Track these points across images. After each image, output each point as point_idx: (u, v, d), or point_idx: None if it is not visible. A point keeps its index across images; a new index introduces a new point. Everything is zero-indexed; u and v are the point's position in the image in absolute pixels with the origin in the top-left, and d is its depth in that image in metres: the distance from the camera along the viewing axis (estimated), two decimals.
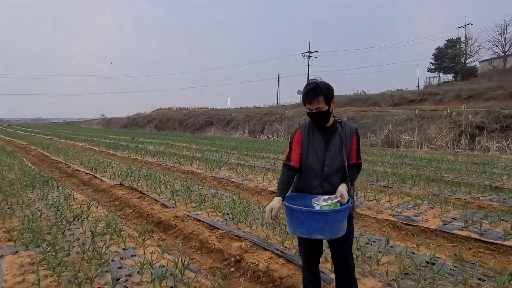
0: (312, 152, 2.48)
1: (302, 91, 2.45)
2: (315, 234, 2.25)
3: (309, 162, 2.47)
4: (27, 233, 4.24)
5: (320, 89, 2.37)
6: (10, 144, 19.87)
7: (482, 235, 4.39)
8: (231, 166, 10.05)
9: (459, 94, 26.20)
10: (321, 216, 2.23)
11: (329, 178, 2.45)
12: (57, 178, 8.82)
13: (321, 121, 2.46)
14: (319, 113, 2.40)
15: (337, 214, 2.26)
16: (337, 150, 2.46)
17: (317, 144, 2.48)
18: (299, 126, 2.60)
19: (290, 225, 2.36)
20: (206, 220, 4.98)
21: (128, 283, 3.12)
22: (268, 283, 3.37)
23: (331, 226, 2.24)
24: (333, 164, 2.45)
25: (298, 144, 2.52)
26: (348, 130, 2.51)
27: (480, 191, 6.66)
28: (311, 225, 2.24)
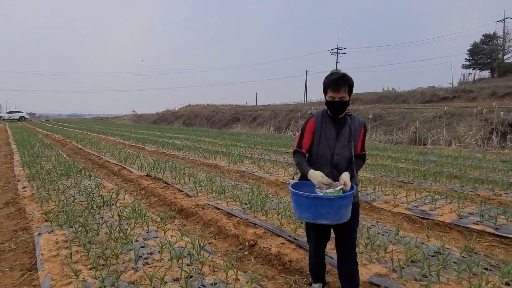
0: (324, 141, 2.57)
1: (326, 79, 2.51)
2: (321, 219, 2.35)
3: (320, 150, 2.57)
4: (62, 215, 4.64)
5: (347, 79, 2.48)
6: (47, 137, 21.02)
7: (497, 229, 4.39)
8: (253, 160, 10.28)
9: (494, 91, 25.17)
10: (326, 201, 2.33)
11: (338, 166, 2.55)
12: (89, 168, 9.37)
13: (340, 111, 2.55)
14: (341, 102, 2.49)
15: (341, 200, 2.35)
16: (346, 140, 2.56)
17: (329, 133, 2.57)
18: (312, 115, 2.67)
19: (297, 210, 2.46)
20: (225, 208, 5.23)
21: (149, 260, 3.41)
22: (279, 265, 3.58)
23: (336, 211, 2.33)
24: (343, 153, 2.56)
25: (311, 132, 2.60)
26: (357, 123, 2.62)
27: (504, 188, 6.55)
28: (316, 210, 2.33)
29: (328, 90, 2.49)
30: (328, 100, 2.53)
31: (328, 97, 2.51)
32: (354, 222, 2.59)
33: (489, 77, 43.68)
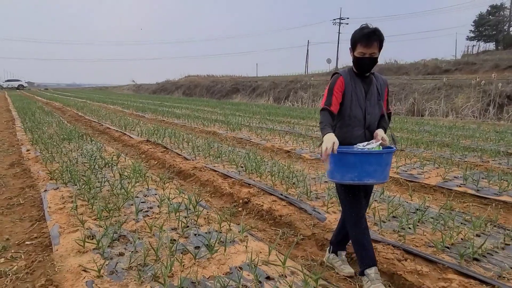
0: (355, 100, 2.44)
1: (356, 33, 2.35)
2: (367, 178, 2.19)
3: (353, 111, 2.44)
4: (66, 174, 4.88)
5: (380, 33, 2.33)
6: (47, 105, 21.12)
7: (478, 191, 4.64)
8: (251, 128, 10.47)
9: (497, 64, 24.85)
10: (375, 157, 2.19)
11: (370, 126, 2.48)
12: (90, 134, 9.57)
13: (369, 68, 2.42)
14: (372, 58, 2.35)
15: (388, 155, 2.25)
16: (375, 99, 2.48)
17: (359, 92, 2.45)
18: (340, 73, 2.49)
19: (338, 172, 2.27)
20: (221, 170, 5.47)
21: (149, 213, 3.67)
22: (270, 220, 3.84)
23: (383, 168, 2.21)
24: (374, 112, 2.47)
25: (340, 91, 2.43)
26: (382, 81, 2.54)
27: (491, 156, 6.78)
28: (363, 168, 2.17)
29: (358, 45, 2.33)
30: (357, 56, 2.36)
31: (358, 53, 2.35)
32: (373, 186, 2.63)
33: (493, 49, 43.02)
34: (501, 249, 2.98)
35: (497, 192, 4.53)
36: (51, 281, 2.49)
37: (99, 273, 2.49)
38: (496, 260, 2.79)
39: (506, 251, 2.93)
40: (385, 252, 2.88)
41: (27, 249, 3.08)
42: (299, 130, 10.30)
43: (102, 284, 2.38)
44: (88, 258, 2.70)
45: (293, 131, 9.99)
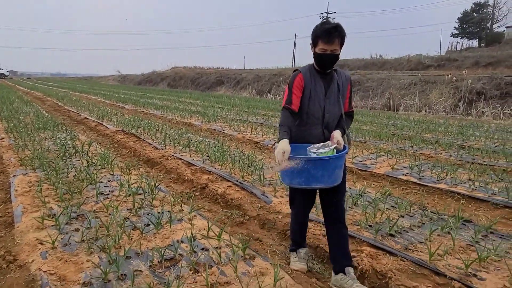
0: (314, 98, 2.39)
1: (318, 29, 2.29)
2: (314, 183, 2.18)
3: (311, 109, 2.39)
4: (36, 161, 5.13)
5: (342, 30, 2.27)
6: (28, 95, 21.00)
7: (420, 179, 5.07)
8: (226, 120, 10.77)
9: (478, 61, 25.40)
10: (321, 163, 2.16)
11: (329, 125, 2.43)
12: (67, 124, 9.73)
13: (330, 65, 2.37)
14: (333, 55, 2.30)
15: (336, 160, 2.21)
16: (335, 97, 2.42)
17: (319, 90, 2.40)
18: (300, 70, 2.45)
19: (286, 176, 2.26)
20: (187, 159, 5.79)
21: (109, 196, 3.98)
22: (222, 203, 4.19)
23: (330, 173, 2.19)
24: (333, 111, 2.42)
25: (300, 89, 2.39)
26: (344, 78, 2.48)
27: (445, 148, 7.24)
28: (310, 173, 2.15)
29: (319, 42, 2.28)
30: (318, 52, 2.31)
31: (319, 49, 2.30)
32: (343, 186, 2.50)
33: (476, 46, 43.93)
34: (417, 227, 3.39)
35: (436, 180, 4.97)
36: (9, 252, 2.78)
37: (53, 245, 2.79)
38: (409, 236, 3.19)
39: (420, 229, 3.34)
40: (314, 229, 3.25)
41: None
42: (273, 122, 10.65)
43: (54, 254, 2.69)
44: (46, 233, 2.99)
45: (267, 123, 10.33)
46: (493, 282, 2.46)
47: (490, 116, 13.75)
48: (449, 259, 2.76)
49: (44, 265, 2.53)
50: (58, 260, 2.61)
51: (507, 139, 8.40)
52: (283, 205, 3.84)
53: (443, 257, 2.78)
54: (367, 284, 2.56)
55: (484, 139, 8.42)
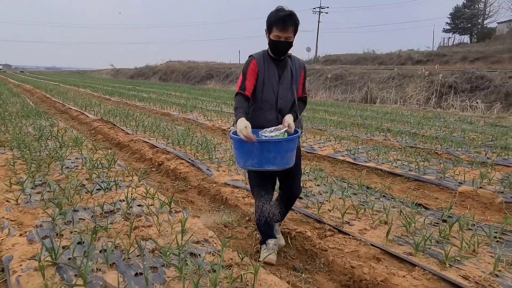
0: (267, 84, 2.45)
1: (272, 16, 2.35)
2: (267, 165, 2.23)
3: (265, 95, 2.46)
4: (14, 142, 5.76)
5: (296, 18, 2.33)
6: (18, 87, 21.50)
7: (354, 159, 5.75)
8: (202, 111, 11.42)
9: (466, 56, 25.92)
10: (273, 145, 2.22)
11: (282, 110, 2.50)
12: (51, 113, 10.34)
13: (284, 52, 2.43)
14: (287, 42, 2.36)
15: (288, 142, 2.26)
16: (288, 83, 2.49)
17: (272, 76, 2.45)
18: (253, 56, 2.49)
19: (241, 158, 2.31)
20: (152, 142, 6.44)
21: (73, 169, 4.62)
22: (172, 176, 4.86)
23: (283, 155, 2.24)
24: (286, 97, 2.50)
25: (253, 74, 2.44)
26: (297, 64, 2.56)
27: (394, 135, 7.93)
28: (263, 156, 2.20)
29: (274, 29, 2.33)
30: (272, 39, 2.37)
31: (273, 36, 2.35)
32: (298, 170, 2.63)
33: (467, 42, 44.50)
34: (325, 192, 4.06)
35: (366, 160, 5.65)
36: None
37: (17, 202, 3.45)
38: (315, 198, 3.87)
39: (327, 194, 4.01)
40: (237, 194, 3.92)
41: None
42: None
43: (17, 208, 3.34)
44: (12, 195, 3.64)
45: None
46: (358, 226, 3.14)
47: (458, 109, 14.47)
48: (335, 213, 3.44)
49: (7, 215, 3.18)
50: (19, 212, 3.26)
51: (456, 128, 9.11)
52: (221, 177, 4.50)
53: (331, 211, 3.46)
54: None
55: (436, 128, 9.12)
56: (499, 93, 14.78)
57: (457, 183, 4.53)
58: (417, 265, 2.52)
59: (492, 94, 14.94)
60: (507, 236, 3.05)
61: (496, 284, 2.30)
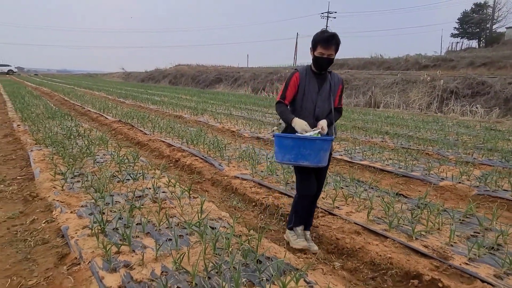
0: (307, 94, 2.82)
1: (318, 36, 2.72)
2: (302, 160, 2.58)
3: (304, 103, 2.84)
4: (48, 140, 6.50)
5: (337, 38, 2.71)
6: (36, 90, 22.46)
7: (351, 158, 6.37)
8: (212, 113, 12.12)
9: (472, 61, 26.11)
10: (309, 142, 2.57)
11: (319, 117, 2.84)
12: (72, 115, 11.12)
13: (325, 67, 2.80)
14: (329, 59, 2.73)
15: (322, 142, 2.61)
16: (326, 95, 2.86)
17: (312, 88, 2.83)
18: (297, 70, 2.88)
19: (279, 153, 2.69)
20: (169, 141, 7.13)
21: (103, 164, 5.32)
22: (188, 171, 5.53)
23: (316, 153, 2.57)
24: (323, 106, 2.86)
25: (295, 86, 2.83)
26: (336, 79, 2.94)
27: (391, 138, 8.53)
28: (299, 151, 2.56)
29: (318, 47, 2.70)
30: (316, 56, 2.73)
31: (317, 53, 2.71)
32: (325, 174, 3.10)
33: (475, 47, 44.58)
34: None
35: (361, 159, 6.28)
36: (33, 192, 4.14)
37: (62, 188, 4.15)
38: None
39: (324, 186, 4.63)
40: (245, 185, 4.58)
41: (18, 181, 4.73)
42: (254, 116, 11.96)
43: (63, 193, 4.04)
44: (57, 183, 4.34)
45: (250, 117, 11.65)
46: (346, 210, 3.78)
47: (459, 113, 14.97)
48: (328, 200, 4.08)
49: (56, 198, 3.88)
50: (66, 195, 3.97)
51: (452, 132, 9.67)
52: (231, 171, 5.17)
53: (324, 199, 4.10)
54: (268, 213, 3.90)
55: (433, 131, 9.70)
56: (499, 99, 15.26)
57: (439, 179, 5.13)
58: (389, 238, 3.16)
59: (492, 100, 15.42)
60: (468, 219, 3.67)
61: (449, 251, 2.93)
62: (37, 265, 2.74)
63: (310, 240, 3.11)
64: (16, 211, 3.73)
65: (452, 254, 2.87)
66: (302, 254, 3.00)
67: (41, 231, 3.26)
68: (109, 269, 2.52)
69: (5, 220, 3.53)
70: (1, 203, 3.97)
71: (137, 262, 2.61)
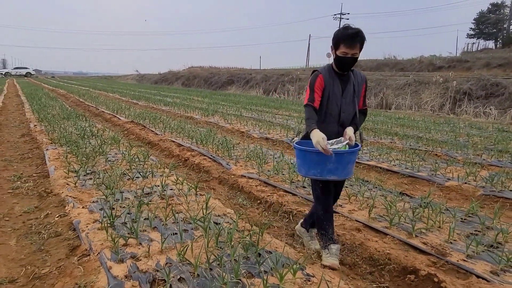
0: (332, 98, 2.59)
1: (340, 33, 2.45)
2: (329, 174, 2.40)
3: (329, 108, 2.60)
4: (62, 139, 6.73)
5: (363, 35, 2.44)
6: (53, 92, 23.04)
7: (358, 158, 6.40)
8: (222, 114, 12.27)
9: (488, 62, 25.66)
10: (336, 157, 2.35)
11: (344, 123, 2.63)
12: (87, 116, 11.41)
13: (349, 67, 2.55)
14: (352, 58, 2.47)
15: (350, 155, 2.44)
16: (351, 97, 2.62)
17: (337, 91, 2.58)
18: (320, 71, 2.62)
19: (303, 167, 2.51)
20: (179, 141, 7.29)
21: (115, 162, 5.50)
22: (197, 169, 5.67)
23: (344, 166, 2.41)
24: (348, 110, 2.63)
25: (320, 88, 2.58)
26: (360, 78, 2.68)
27: (400, 138, 8.52)
28: (325, 166, 2.37)
29: (341, 45, 2.44)
30: (339, 55, 2.48)
31: (340, 52, 2.46)
32: None
33: (492, 47, 43.73)
34: None
35: (368, 159, 6.32)
36: (48, 188, 4.34)
37: (75, 185, 4.33)
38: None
39: None
40: (251, 183, 4.69)
41: (34, 178, 4.94)
42: (264, 117, 12.06)
43: (76, 189, 4.21)
44: (70, 180, 4.52)
45: (259, 118, 11.75)
46: (348, 208, 3.85)
47: (472, 115, 14.79)
48: None
49: (69, 194, 4.06)
50: (78, 192, 4.14)
51: (463, 133, 9.59)
52: (238, 170, 5.28)
53: None
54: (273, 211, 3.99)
55: (443, 133, 9.63)
56: None
57: (445, 179, 5.14)
58: (389, 235, 3.22)
59: (506, 101, 15.18)
60: (470, 218, 3.69)
61: (448, 248, 2.97)
62: (50, 256, 2.90)
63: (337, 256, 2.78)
64: (32, 206, 3.91)
65: (450, 251, 2.91)
66: (302, 248, 3.09)
67: (54, 224, 3.43)
68: (116, 260, 2.65)
69: (21, 214, 3.71)
70: (17, 198, 4.17)
71: (143, 254, 2.74)
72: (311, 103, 2.57)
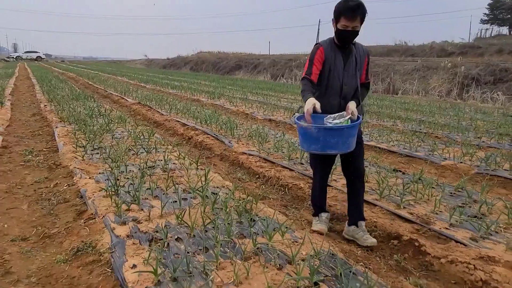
0: (333, 71, 2.56)
1: (341, 6, 2.43)
2: (330, 149, 2.42)
3: (331, 82, 2.57)
4: (71, 118, 6.95)
5: (364, 7, 2.41)
6: (63, 75, 23.35)
7: None
8: (229, 97, 12.40)
9: (501, 48, 25.03)
10: (336, 132, 2.39)
11: (346, 96, 2.62)
12: (95, 97, 11.64)
13: (350, 40, 2.52)
14: (353, 32, 2.45)
15: (350, 129, 2.44)
16: (353, 70, 2.59)
17: (338, 64, 2.56)
18: (321, 44, 2.60)
19: (304, 143, 2.53)
20: (183, 121, 7.48)
21: (121, 139, 5.71)
22: (200, 147, 5.86)
23: (344, 141, 2.42)
24: (350, 83, 2.60)
25: (320, 61, 2.55)
26: (362, 51, 2.64)
27: (402, 122, 8.58)
28: (326, 141, 2.38)
29: (342, 18, 2.42)
30: (339, 28, 2.46)
31: (341, 25, 2.44)
32: (360, 149, 2.75)
33: (506, 34, 42.69)
34: None
35: (368, 140, 6.43)
36: (57, 161, 4.57)
37: (83, 158, 4.54)
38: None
39: None
40: (251, 160, 4.86)
41: (44, 152, 5.18)
42: (269, 101, 12.16)
43: (83, 162, 4.43)
44: (78, 154, 4.74)
45: (264, 101, 11.86)
46: (342, 182, 3.99)
47: (479, 100, 14.69)
48: None
49: (77, 166, 4.27)
50: (85, 164, 4.36)
51: (467, 117, 9.60)
52: (239, 148, 5.45)
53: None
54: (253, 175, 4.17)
55: (447, 117, 9.66)
56: None
57: (442, 159, 5.25)
58: (378, 205, 3.38)
59: None
60: (460, 193, 3.83)
61: (433, 218, 3.12)
62: (58, 219, 3.13)
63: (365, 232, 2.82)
64: (42, 176, 4.15)
65: (434, 220, 3.07)
66: (293, 216, 3.27)
67: (63, 192, 3.65)
68: (119, 222, 2.86)
69: (33, 184, 3.95)
70: (29, 170, 4.41)
71: (144, 218, 2.94)
72: (308, 76, 2.57)
